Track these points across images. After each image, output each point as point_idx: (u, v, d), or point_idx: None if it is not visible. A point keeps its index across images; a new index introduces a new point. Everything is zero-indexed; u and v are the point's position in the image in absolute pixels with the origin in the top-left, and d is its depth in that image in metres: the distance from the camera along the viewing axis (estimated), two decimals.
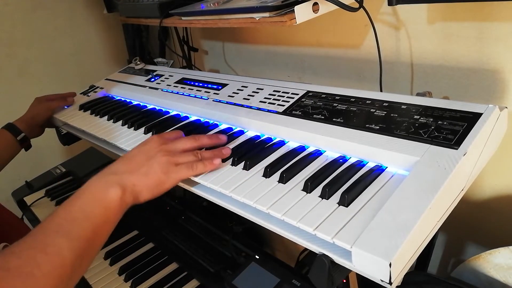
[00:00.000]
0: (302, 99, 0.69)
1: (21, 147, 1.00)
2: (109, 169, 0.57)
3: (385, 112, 0.58)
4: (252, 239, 0.91)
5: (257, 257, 0.74)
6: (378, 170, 0.52)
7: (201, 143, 0.63)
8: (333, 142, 0.58)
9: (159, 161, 0.57)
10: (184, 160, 0.59)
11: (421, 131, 0.52)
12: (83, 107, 1.02)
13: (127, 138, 0.79)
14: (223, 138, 0.66)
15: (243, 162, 0.60)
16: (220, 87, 0.85)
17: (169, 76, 1.02)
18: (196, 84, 0.91)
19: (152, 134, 0.76)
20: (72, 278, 0.48)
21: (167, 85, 0.97)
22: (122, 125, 0.85)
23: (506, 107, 0.52)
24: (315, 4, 0.66)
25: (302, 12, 0.65)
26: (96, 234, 0.51)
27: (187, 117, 0.82)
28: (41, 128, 1.05)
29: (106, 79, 1.19)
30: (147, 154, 0.58)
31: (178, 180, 0.58)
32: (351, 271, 0.44)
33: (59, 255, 0.46)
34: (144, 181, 0.55)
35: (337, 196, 0.49)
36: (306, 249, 0.47)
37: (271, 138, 0.66)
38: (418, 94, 0.67)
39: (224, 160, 0.62)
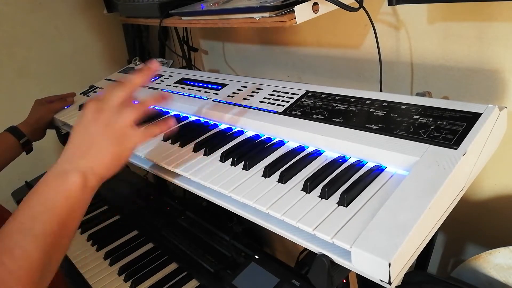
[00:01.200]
0: (302, 99, 0.69)
1: (22, 150, 1.00)
2: (63, 157, 0.53)
3: (385, 112, 0.58)
4: (252, 239, 0.91)
5: (256, 257, 0.74)
6: (377, 170, 0.51)
7: (133, 83, 0.56)
8: (332, 142, 0.58)
9: (104, 134, 0.52)
10: (127, 119, 0.53)
11: (420, 131, 0.52)
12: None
13: None
14: (154, 67, 0.58)
15: (242, 162, 0.60)
16: (220, 87, 0.85)
17: (169, 76, 1.02)
18: (196, 84, 0.91)
19: None
20: (45, 275, 0.47)
21: (167, 85, 0.97)
22: None
23: (506, 107, 0.52)
24: (315, 4, 0.66)
25: (302, 12, 0.65)
26: (62, 226, 0.48)
27: (186, 117, 0.82)
28: (43, 131, 1.06)
29: (106, 79, 1.19)
30: (89, 130, 0.53)
31: (133, 148, 0.54)
32: (350, 271, 0.44)
33: (27, 257, 0.45)
34: (99, 161, 0.52)
35: (336, 196, 0.49)
36: (305, 249, 0.47)
37: (270, 138, 0.66)
38: (417, 94, 0.67)
39: (224, 160, 0.62)
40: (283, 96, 0.72)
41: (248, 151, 0.62)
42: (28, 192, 0.50)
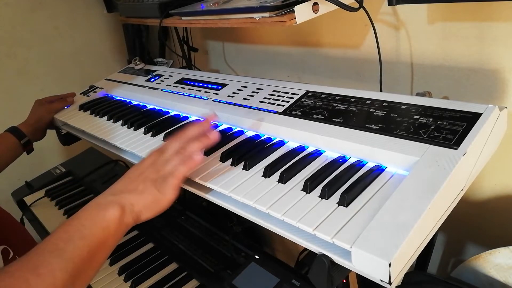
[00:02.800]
0: (302, 99, 0.69)
1: (23, 151, 1.00)
2: (109, 190, 0.56)
3: (385, 112, 0.58)
4: (252, 239, 0.91)
5: (257, 257, 0.74)
6: (377, 170, 0.51)
7: (188, 137, 0.59)
8: (332, 142, 0.58)
9: (152, 178, 0.56)
10: (171, 166, 0.56)
11: (420, 131, 0.52)
12: (83, 107, 1.02)
13: (126, 138, 0.79)
14: (212, 117, 0.64)
15: (242, 162, 0.60)
16: (220, 87, 0.85)
17: (169, 76, 1.02)
18: (196, 84, 0.91)
19: (152, 135, 0.76)
20: None
21: (167, 85, 0.97)
22: (122, 125, 0.85)
23: (506, 107, 0.52)
24: (315, 4, 0.66)
25: (302, 12, 0.65)
26: (92, 255, 0.49)
27: (187, 117, 0.82)
28: (43, 131, 1.06)
29: (106, 79, 1.19)
30: (142, 172, 0.57)
31: (173, 192, 0.56)
32: (350, 271, 0.44)
33: (51, 276, 0.45)
34: (141, 199, 0.54)
35: (336, 196, 0.49)
36: (306, 249, 0.47)
37: (270, 138, 0.66)
38: (418, 94, 0.67)
39: (224, 160, 0.62)
40: (283, 96, 0.72)
41: (248, 151, 0.62)
42: (28, 192, 0.51)
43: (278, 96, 0.73)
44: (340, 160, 0.56)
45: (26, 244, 0.87)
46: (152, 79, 1.03)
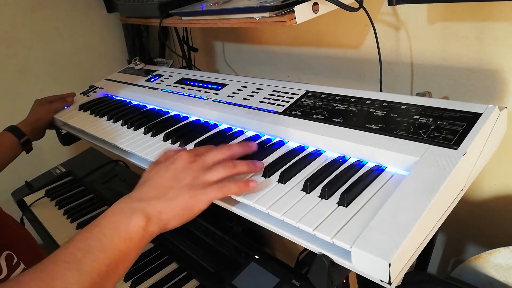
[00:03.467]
0: (302, 99, 0.69)
1: (22, 150, 1.00)
2: (135, 194, 0.51)
3: (385, 112, 0.58)
4: (252, 239, 0.91)
5: (256, 257, 0.74)
6: (377, 170, 0.51)
7: (232, 153, 0.56)
8: (332, 142, 0.58)
9: (187, 183, 0.51)
10: (214, 177, 0.52)
11: (420, 131, 0.52)
12: (83, 107, 1.02)
13: (127, 138, 0.79)
14: (254, 145, 0.59)
15: None
16: (220, 87, 0.85)
17: (169, 76, 1.02)
18: (196, 84, 0.91)
19: (152, 135, 0.76)
20: None
21: (167, 85, 0.97)
22: (122, 125, 0.85)
23: (506, 107, 0.52)
24: (315, 4, 0.66)
25: (302, 12, 0.65)
26: (111, 269, 0.45)
27: (187, 117, 0.82)
28: (43, 131, 1.06)
29: (106, 79, 1.19)
30: (175, 176, 0.52)
31: (208, 202, 0.51)
32: (350, 271, 0.44)
33: None
34: (171, 207, 0.49)
35: (336, 196, 0.49)
36: (305, 249, 0.47)
37: (270, 138, 0.66)
38: (417, 94, 0.67)
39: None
40: (283, 96, 0.72)
41: None
42: (28, 192, 0.49)
43: (278, 96, 0.73)
44: (340, 160, 0.56)
45: (29, 248, 0.86)
46: (152, 79, 1.03)
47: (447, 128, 0.51)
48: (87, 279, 0.43)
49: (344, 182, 0.51)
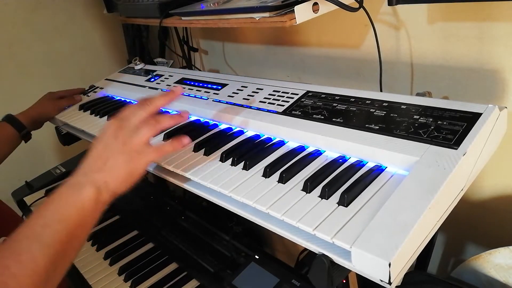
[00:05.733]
0: (302, 99, 0.69)
1: (21, 141, 0.99)
2: (80, 170, 0.55)
3: (385, 112, 0.58)
4: (252, 239, 0.91)
5: (256, 257, 0.74)
6: (377, 170, 0.51)
7: (153, 106, 0.58)
8: (332, 142, 0.58)
9: (120, 150, 0.55)
10: (142, 137, 0.55)
11: (420, 131, 0.52)
12: (83, 107, 1.02)
13: None
14: (179, 89, 0.63)
15: (242, 162, 0.60)
16: (220, 87, 0.85)
17: (169, 76, 1.02)
18: (196, 84, 0.91)
19: None
20: (48, 284, 0.47)
21: (167, 85, 0.97)
22: None
23: (506, 107, 0.52)
24: (315, 4, 0.66)
25: (302, 12, 0.65)
26: (71, 237, 0.49)
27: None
28: (42, 124, 1.05)
29: (106, 79, 1.19)
30: (109, 146, 0.55)
31: (146, 164, 0.56)
32: (350, 271, 0.44)
33: (32, 262, 0.45)
34: (114, 175, 0.54)
35: (336, 196, 0.49)
36: (305, 249, 0.47)
37: (270, 138, 0.66)
38: (418, 94, 0.67)
39: (224, 159, 0.62)
40: (283, 96, 0.72)
41: (248, 151, 0.62)
42: (28, 192, 0.51)
43: (278, 96, 0.73)
44: (340, 160, 0.56)
45: None
46: (152, 79, 1.03)
47: (447, 128, 0.51)
48: (50, 249, 0.47)
49: (344, 182, 0.51)
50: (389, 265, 0.37)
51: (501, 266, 0.67)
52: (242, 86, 0.82)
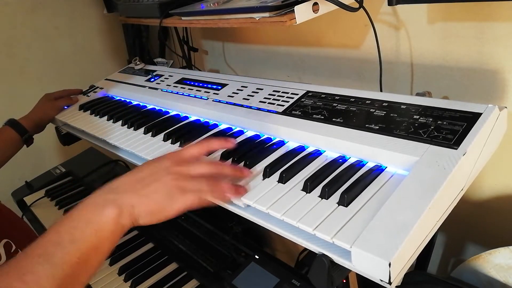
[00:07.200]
0: (302, 99, 0.69)
1: (23, 144, 1.00)
2: (111, 185, 0.51)
3: (385, 112, 0.58)
4: (252, 239, 0.91)
5: (256, 257, 0.74)
6: (377, 170, 0.51)
7: (222, 172, 0.54)
8: (332, 142, 0.58)
9: (166, 183, 0.50)
10: (194, 187, 0.51)
11: (420, 131, 0.52)
12: (83, 107, 1.02)
13: (126, 138, 0.79)
14: (247, 172, 0.56)
15: (242, 162, 0.60)
16: (220, 87, 0.85)
17: (169, 76, 1.02)
18: (196, 84, 0.91)
19: (152, 135, 0.76)
20: None
21: (167, 85, 0.97)
22: (122, 125, 0.85)
23: (506, 107, 0.52)
24: (315, 4, 0.66)
25: (302, 12, 0.65)
26: (83, 260, 0.44)
27: (186, 117, 0.82)
28: (44, 126, 1.06)
29: (106, 79, 1.19)
30: (156, 174, 0.51)
31: (182, 208, 0.50)
32: (350, 271, 0.44)
33: (37, 284, 0.41)
34: (144, 203, 0.49)
35: (336, 196, 0.49)
36: (305, 249, 0.47)
37: (270, 138, 0.66)
38: (417, 94, 0.67)
39: (225, 160, 0.62)
40: (283, 96, 0.72)
41: (248, 151, 0.62)
42: (28, 192, 0.49)
43: (278, 96, 0.73)
44: (340, 160, 0.56)
45: (27, 237, 0.87)
46: (152, 79, 1.03)
47: (447, 128, 0.51)
48: (58, 271, 0.43)
49: (344, 182, 0.51)
50: (389, 265, 0.37)
51: (501, 266, 0.67)
52: (242, 86, 0.82)
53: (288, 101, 0.70)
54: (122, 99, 1.02)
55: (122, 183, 0.51)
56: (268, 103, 0.72)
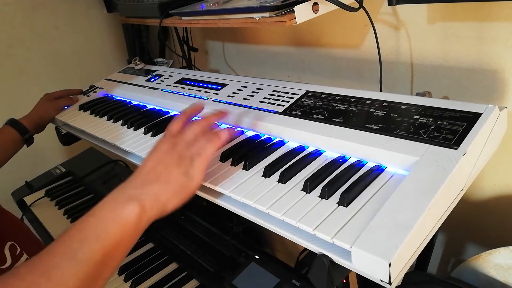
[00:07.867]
0: (302, 99, 0.69)
1: (24, 144, 1.00)
2: (128, 183, 0.52)
3: (385, 112, 0.58)
4: (252, 239, 0.91)
5: (257, 257, 0.74)
6: (377, 170, 0.51)
7: (210, 122, 0.59)
8: (332, 142, 0.58)
9: (175, 163, 0.52)
10: (197, 149, 0.54)
11: (420, 131, 0.52)
12: (83, 107, 1.02)
13: (127, 138, 0.79)
14: (225, 111, 0.64)
15: (242, 162, 0.60)
16: (220, 87, 0.85)
17: (169, 76, 1.02)
18: (196, 84, 0.91)
19: (152, 135, 0.76)
20: None
21: (167, 85, 0.97)
22: (122, 125, 0.85)
23: (506, 107, 0.52)
24: (315, 4, 0.66)
25: (302, 12, 0.65)
26: (107, 257, 0.45)
27: None
28: (44, 126, 1.06)
29: (106, 79, 1.19)
30: (161, 160, 0.53)
31: (201, 174, 0.53)
32: (350, 271, 0.44)
33: (63, 281, 0.42)
34: (167, 189, 0.50)
35: (336, 196, 0.49)
36: (306, 249, 0.47)
37: (270, 138, 0.66)
38: (418, 94, 0.67)
39: (224, 160, 0.62)
40: (283, 96, 0.72)
41: (248, 151, 0.62)
42: (28, 192, 0.49)
43: (278, 96, 0.73)
44: (340, 160, 0.56)
45: (30, 240, 0.87)
46: (152, 79, 1.03)
47: (447, 128, 0.51)
48: (83, 268, 0.43)
49: (344, 182, 0.51)
50: (389, 265, 0.37)
51: (501, 266, 0.67)
52: (242, 86, 0.82)
53: (288, 101, 0.70)
54: (122, 99, 1.02)
55: (138, 178, 0.52)
56: (268, 103, 0.72)
